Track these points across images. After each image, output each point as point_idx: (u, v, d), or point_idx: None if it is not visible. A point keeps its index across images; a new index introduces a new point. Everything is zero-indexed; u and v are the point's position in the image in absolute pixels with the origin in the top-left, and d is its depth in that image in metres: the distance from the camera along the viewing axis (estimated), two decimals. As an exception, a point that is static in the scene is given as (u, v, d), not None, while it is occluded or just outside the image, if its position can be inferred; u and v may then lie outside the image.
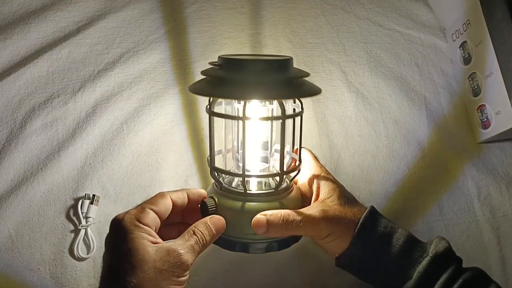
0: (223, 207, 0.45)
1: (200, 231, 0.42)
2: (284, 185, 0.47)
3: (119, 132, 0.62)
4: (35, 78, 0.63)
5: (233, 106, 0.47)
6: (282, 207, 0.45)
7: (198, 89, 0.43)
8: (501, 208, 0.64)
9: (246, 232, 0.44)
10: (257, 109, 0.47)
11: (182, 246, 0.40)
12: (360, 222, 0.44)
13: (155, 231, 0.42)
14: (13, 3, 0.65)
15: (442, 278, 0.43)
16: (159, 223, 0.43)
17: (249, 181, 0.48)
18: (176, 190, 0.45)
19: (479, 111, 0.65)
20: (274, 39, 0.69)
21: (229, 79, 0.41)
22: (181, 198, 0.45)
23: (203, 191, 0.47)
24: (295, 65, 0.46)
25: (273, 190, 0.46)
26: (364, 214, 0.45)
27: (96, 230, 0.57)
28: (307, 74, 0.45)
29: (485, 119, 0.64)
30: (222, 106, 0.48)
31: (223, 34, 0.68)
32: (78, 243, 0.56)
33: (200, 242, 0.41)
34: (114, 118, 0.62)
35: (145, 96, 0.64)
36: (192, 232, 0.42)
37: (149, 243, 0.39)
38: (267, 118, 0.47)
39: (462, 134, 0.67)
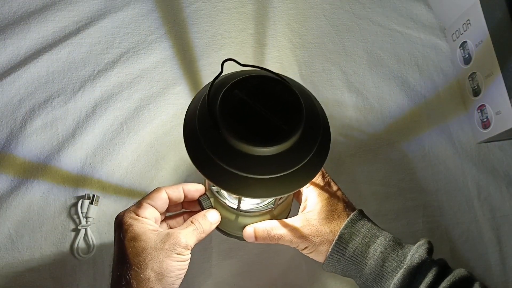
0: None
1: (198, 221, 0.45)
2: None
3: (119, 132, 0.62)
4: (35, 78, 0.63)
5: None
6: (272, 216, 0.48)
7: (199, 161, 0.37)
8: (501, 208, 0.64)
9: (238, 233, 0.49)
10: None
11: (181, 229, 0.44)
12: (334, 240, 0.45)
13: (155, 223, 0.45)
14: (13, 3, 0.65)
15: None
16: (159, 216, 0.46)
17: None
18: (172, 186, 0.47)
19: (479, 111, 0.65)
20: (274, 39, 0.69)
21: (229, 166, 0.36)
22: (176, 193, 0.47)
23: (200, 186, 0.49)
24: (294, 65, 0.45)
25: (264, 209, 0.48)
26: (339, 231, 0.45)
27: (96, 230, 0.57)
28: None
29: (485, 119, 0.64)
30: None
31: (223, 34, 0.68)
32: (78, 243, 0.56)
33: (198, 230, 0.45)
34: (114, 118, 0.62)
35: (145, 96, 0.64)
36: (190, 221, 0.45)
37: (150, 230, 0.43)
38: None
39: (462, 134, 0.67)
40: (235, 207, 0.46)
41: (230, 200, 0.47)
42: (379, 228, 0.47)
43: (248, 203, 0.47)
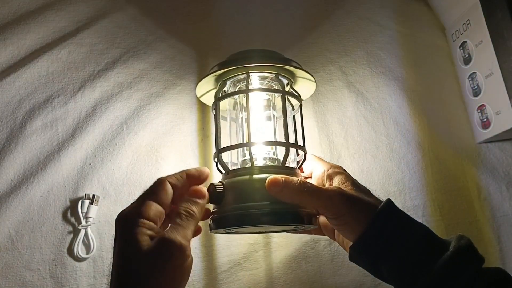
0: (231, 184, 0.45)
1: (183, 207, 0.42)
2: (292, 165, 0.49)
3: (119, 132, 0.62)
4: (35, 78, 0.63)
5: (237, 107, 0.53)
6: None
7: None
8: (501, 208, 0.64)
9: (256, 199, 0.44)
10: (259, 97, 0.52)
11: (173, 231, 0.40)
12: (380, 205, 0.42)
13: (159, 222, 0.42)
14: (13, 3, 0.65)
15: (466, 274, 0.40)
16: (163, 212, 0.42)
17: (256, 158, 0.48)
18: (175, 174, 0.45)
19: (479, 111, 0.65)
20: (275, 39, 0.69)
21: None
22: (180, 180, 0.44)
23: (204, 169, 0.46)
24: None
25: (280, 165, 0.47)
26: (384, 201, 0.43)
27: (96, 230, 0.57)
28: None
29: (485, 119, 0.64)
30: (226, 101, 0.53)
31: (223, 33, 0.68)
32: (77, 243, 0.56)
33: (189, 219, 0.41)
34: (114, 118, 0.62)
35: (145, 96, 0.64)
36: (177, 213, 0.42)
37: (148, 238, 0.39)
38: (267, 90, 0.52)
39: (462, 134, 0.67)
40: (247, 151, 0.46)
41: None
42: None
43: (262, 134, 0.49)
